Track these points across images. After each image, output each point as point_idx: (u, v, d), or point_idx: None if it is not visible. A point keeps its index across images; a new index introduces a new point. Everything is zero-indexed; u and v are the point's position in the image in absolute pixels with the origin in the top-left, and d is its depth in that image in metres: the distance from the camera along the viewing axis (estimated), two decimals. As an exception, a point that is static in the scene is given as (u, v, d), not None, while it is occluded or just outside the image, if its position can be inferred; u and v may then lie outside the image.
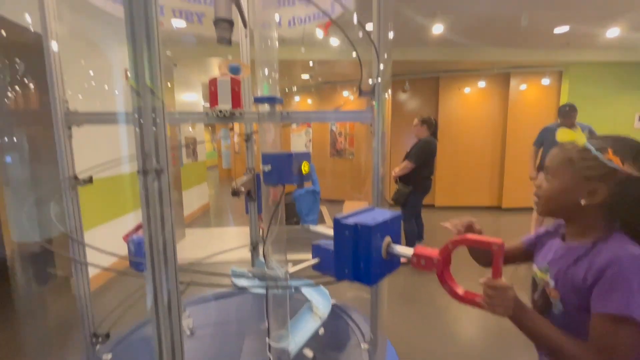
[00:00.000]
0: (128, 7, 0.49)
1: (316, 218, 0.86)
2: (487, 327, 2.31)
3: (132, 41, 0.50)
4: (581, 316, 0.67)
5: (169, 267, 0.55)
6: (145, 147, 0.51)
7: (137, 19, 0.49)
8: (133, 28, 0.50)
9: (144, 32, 0.50)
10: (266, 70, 0.93)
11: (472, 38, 4.31)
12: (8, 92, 1.04)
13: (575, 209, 0.70)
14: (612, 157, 0.65)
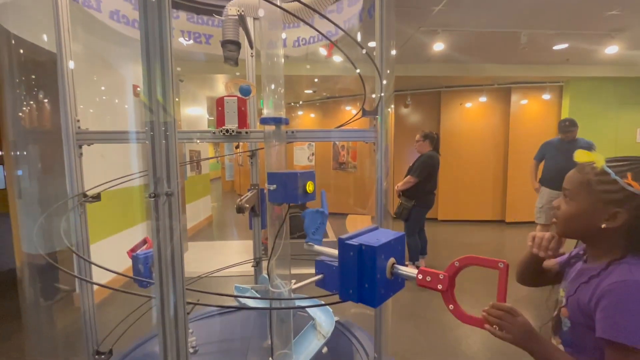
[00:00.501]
0: (144, 33, 0.52)
1: (321, 239, 0.87)
2: (493, 346, 2.26)
3: (146, 66, 0.52)
4: (586, 334, 0.68)
5: (177, 287, 0.56)
6: (157, 172, 0.53)
7: (152, 45, 0.52)
8: (148, 52, 0.52)
9: (159, 57, 0.52)
10: (272, 86, 0.96)
11: (472, 55, 4.39)
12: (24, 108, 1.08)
13: (595, 231, 0.70)
14: (631, 182, 0.65)
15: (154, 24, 0.51)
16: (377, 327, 1.20)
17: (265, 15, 0.90)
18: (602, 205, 0.68)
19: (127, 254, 1.30)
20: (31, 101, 1.12)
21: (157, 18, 0.51)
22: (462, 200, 5.97)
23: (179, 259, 0.56)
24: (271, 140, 0.96)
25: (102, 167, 1.68)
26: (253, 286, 1.48)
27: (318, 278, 1.17)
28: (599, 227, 0.69)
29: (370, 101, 1.10)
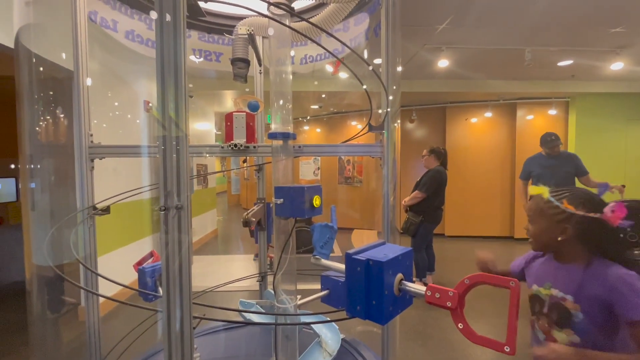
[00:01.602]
0: (159, 52, 0.54)
1: (329, 253, 0.86)
2: None
3: (161, 83, 0.54)
4: (599, 320, 0.88)
5: (184, 300, 0.56)
6: (167, 186, 0.54)
7: (167, 63, 0.54)
8: (163, 70, 0.54)
9: (173, 75, 0.54)
10: (280, 102, 0.98)
11: (477, 71, 4.44)
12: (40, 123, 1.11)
13: (557, 243, 0.95)
14: (567, 206, 0.90)
15: (169, 43, 0.53)
16: (384, 345, 1.17)
17: (274, 34, 0.93)
18: (554, 223, 0.94)
19: (133, 267, 1.30)
20: (47, 116, 1.15)
21: (172, 38, 0.53)
22: (469, 216, 5.90)
23: (186, 273, 0.56)
24: (279, 155, 0.97)
25: (111, 181, 1.71)
26: (258, 301, 1.46)
27: (324, 294, 1.16)
28: (557, 240, 0.94)
29: (376, 116, 1.11)
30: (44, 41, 1.04)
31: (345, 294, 1.14)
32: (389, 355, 1.16)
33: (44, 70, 1.06)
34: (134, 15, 1.33)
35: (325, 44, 1.64)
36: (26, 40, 0.95)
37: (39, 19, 0.98)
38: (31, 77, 1.02)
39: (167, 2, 0.53)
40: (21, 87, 0.95)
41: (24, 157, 1.01)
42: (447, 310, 0.61)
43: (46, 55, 1.09)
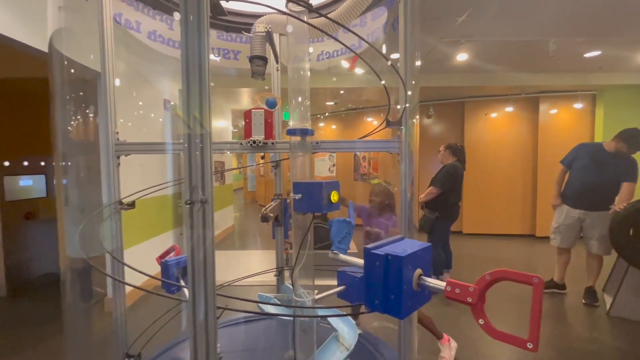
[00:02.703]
0: (184, 51, 0.56)
1: (347, 248, 0.87)
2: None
3: (186, 82, 0.56)
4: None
5: (209, 291, 0.58)
6: (192, 180, 0.56)
7: (191, 63, 0.56)
8: (188, 70, 0.56)
9: (197, 74, 0.56)
10: (299, 99, 0.99)
11: (497, 64, 4.31)
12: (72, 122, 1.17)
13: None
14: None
15: (193, 44, 0.55)
16: (401, 341, 1.17)
17: (292, 30, 0.94)
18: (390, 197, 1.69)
19: (156, 260, 1.35)
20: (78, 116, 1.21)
21: (197, 38, 0.55)
22: (488, 213, 5.77)
23: (211, 264, 0.59)
24: (297, 151, 0.99)
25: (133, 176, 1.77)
26: (276, 295, 1.49)
27: (340, 289, 1.17)
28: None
29: (394, 112, 1.11)
30: (73, 44, 1.09)
31: (362, 289, 1.15)
32: (406, 351, 1.16)
33: (74, 72, 1.11)
34: (155, 16, 1.36)
35: (342, 40, 1.63)
36: (58, 43, 0.99)
37: (69, 23, 1.03)
38: (63, 79, 1.07)
39: (192, 3, 0.54)
40: (54, 89, 1.00)
41: (57, 155, 1.06)
42: (464, 308, 0.60)
43: (75, 57, 1.14)
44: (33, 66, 2.76)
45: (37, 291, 3.52)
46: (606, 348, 2.35)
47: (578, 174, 3.02)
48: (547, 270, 3.69)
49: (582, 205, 2.97)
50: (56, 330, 2.66)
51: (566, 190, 3.11)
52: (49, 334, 2.61)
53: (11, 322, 2.83)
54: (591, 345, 2.38)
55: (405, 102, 1.05)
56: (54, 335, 2.58)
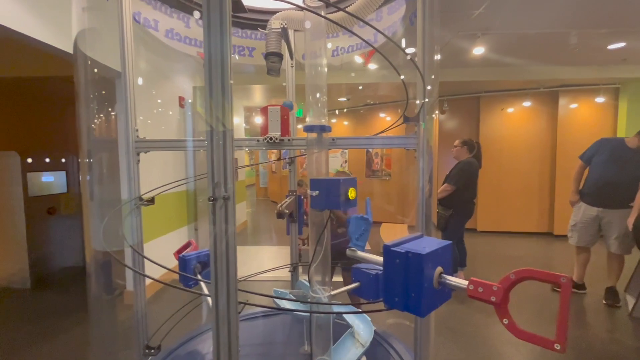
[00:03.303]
0: (207, 50, 0.56)
1: (364, 245, 0.87)
2: None
3: (208, 80, 0.56)
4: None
5: (231, 286, 0.59)
6: (215, 177, 0.57)
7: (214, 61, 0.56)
8: (210, 67, 0.56)
9: (219, 72, 0.56)
10: (316, 95, 0.98)
11: (515, 57, 4.19)
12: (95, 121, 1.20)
13: None
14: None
15: (216, 41, 0.55)
16: (417, 339, 1.16)
17: (309, 26, 0.93)
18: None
19: (173, 255, 1.38)
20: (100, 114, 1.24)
21: (219, 36, 0.55)
22: (503, 211, 5.65)
23: (233, 259, 0.59)
24: (314, 148, 0.99)
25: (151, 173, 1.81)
26: (291, 291, 1.50)
27: (355, 286, 1.17)
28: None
29: (411, 107, 1.09)
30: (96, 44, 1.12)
31: (376, 286, 1.15)
32: (422, 349, 1.15)
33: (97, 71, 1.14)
34: (172, 14, 1.38)
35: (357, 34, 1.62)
36: (82, 44, 1.02)
37: (92, 23, 1.05)
38: (87, 79, 1.10)
39: (214, 1, 0.54)
40: (79, 88, 1.03)
41: (83, 152, 1.09)
42: (479, 305, 0.60)
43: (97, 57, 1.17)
44: (55, 66, 2.85)
45: (58, 283, 3.65)
46: (628, 350, 2.28)
47: (597, 170, 2.92)
48: (566, 270, 3.60)
49: (601, 202, 2.88)
50: (78, 321, 2.76)
51: (584, 187, 3.02)
52: (71, 324, 2.71)
53: (37, 313, 2.94)
54: (612, 347, 2.32)
55: (423, 97, 1.04)
56: (76, 326, 2.67)
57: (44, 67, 2.93)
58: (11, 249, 3.49)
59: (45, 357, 2.26)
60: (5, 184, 3.48)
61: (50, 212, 3.84)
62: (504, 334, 2.49)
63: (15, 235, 3.47)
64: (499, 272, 3.85)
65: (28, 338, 2.52)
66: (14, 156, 3.45)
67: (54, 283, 3.65)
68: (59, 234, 3.97)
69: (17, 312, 3.00)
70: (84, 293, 3.39)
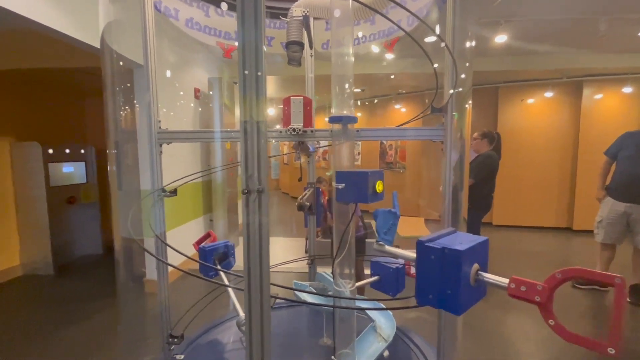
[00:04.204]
0: (241, 40, 0.54)
1: (392, 239, 0.85)
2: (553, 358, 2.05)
3: (242, 70, 0.54)
4: None
5: (264, 280, 0.58)
6: (248, 170, 0.55)
7: (248, 51, 0.54)
8: (244, 57, 0.54)
9: (254, 61, 0.54)
10: (342, 85, 0.95)
11: (539, 45, 4.02)
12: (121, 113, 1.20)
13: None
14: None
15: (250, 32, 0.53)
16: (440, 336, 1.15)
17: (338, 13, 0.90)
18: None
19: (193, 246, 1.39)
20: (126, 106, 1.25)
21: (253, 27, 0.53)
22: (521, 205, 5.52)
23: (266, 253, 0.58)
24: (339, 139, 0.96)
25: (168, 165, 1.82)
26: (311, 283, 1.50)
27: (374, 280, 1.15)
28: None
29: (440, 98, 1.05)
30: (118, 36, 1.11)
31: (395, 280, 1.13)
32: (446, 346, 1.13)
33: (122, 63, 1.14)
34: (192, 3, 1.36)
35: (378, 24, 1.57)
36: (108, 36, 1.01)
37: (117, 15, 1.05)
38: (113, 71, 1.10)
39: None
40: (106, 81, 1.03)
41: (110, 143, 1.10)
42: (495, 302, 0.57)
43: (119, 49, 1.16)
44: (76, 58, 2.88)
45: (80, 271, 3.77)
46: (654, 350, 2.21)
47: (624, 164, 2.82)
48: (586, 266, 3.50)
49: (628, 198, 2.77)
50: (101, 307, 2.85)
51: (611, 182, 2.92)
52: (95, 310, 2.80)
53: (60, 299, 3.05)
54: (636, 346, 2.25)
55: (453, 86, 1.00)
56: (99, 312, 2.76)
57: (64, 59, 2.97)
58: (35, 237, 3.61)
59: (71, 341, 2.34)
60: (28, 174, 3.58)
61: (70, 202, 3.95)
62: (522, 330, 2.45)
63: (39, 224, 3.59)
64: (515, 267, 3.78)
65: (55, 322, 2.61)
66: (36, 147, 3.54)
67: (75, 270, 3.77)
68: (78, 223, 4.08)
69: (42, 297, 3.12)
70: (105, 280, 3.52)
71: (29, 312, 2.83)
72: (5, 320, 2.68)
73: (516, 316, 2.61)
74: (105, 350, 2.23)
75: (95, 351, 2.23)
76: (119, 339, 2.25)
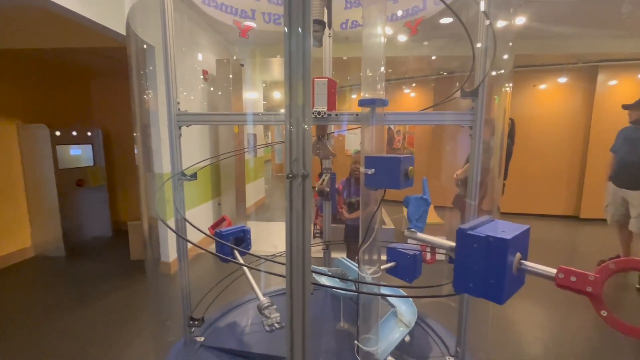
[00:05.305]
0: (287, 25, 0.51)
1: (424, 226, 0.83)
2: (570, 348, 2.08)
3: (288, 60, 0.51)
4: None
5: (306, 267, 0.57)
6: (293, 154, 0.53)
7: (294, 37, 0.51)
8: (290, 43, 0.51)
9: (301, 47, 0.51)
10: (375, 67, 0.92)
11: (555, 29, 3.88)
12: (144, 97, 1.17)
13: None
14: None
15: (298, 15, 0.50)
16: (461, 324, 1.15)
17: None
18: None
19: (208, 230, 1.39)
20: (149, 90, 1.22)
21: (301, 10, 0.50)
22: (528, 192, 5.49)
23: (308, 240, 0.57)
24: (367, 123, 0.93)
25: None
26: (329, 269, 1.50)
27: (390, 265, 1.14)
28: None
29: (472, 81, 1.01)
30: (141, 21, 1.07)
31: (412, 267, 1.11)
32: (466, 335, 1.14)
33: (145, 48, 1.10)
34: (209, -22, 1.30)
35: (402, 1, 1.50)
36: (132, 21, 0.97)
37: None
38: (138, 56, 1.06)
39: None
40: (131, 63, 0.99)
41: (136, 126, 1.07)
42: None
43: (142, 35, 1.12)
44: (81, 37, 2.81)
45: (90, 252, 3.82)
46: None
47: (618, 154, 3.15)
48: (593, 254, 3.52)
49: (621, 183, 3.09)
50: (113, 287, 2.89)
51: (611, 170, 3.24)
52: (108, 290, 2.85)
53: (72, 280, 3.10)
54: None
55: (484, 69, 0.95)
56: (112, 292, 2.81)
57: (71, 39, 2.90)
58: (45, 219, 3.64)
59: (87, 320, 2.39)
60: (37, 156, 3.58)
61: (79, 184, 3.95)
62: (533, 318, 2.47)
63: (49, 206, 3.61)
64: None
65: (70, 302, 2.66)
66: (43, 129, 3.52)
67: (86, 252, 3.82)
68: (87, 205, 4.10)
69: (56, 278, 3.17)
70: (116, 261, 3.55)
71: (45, 291, 2.89)
72: (22, 299, 2.74)
73: (526, 304, 2.63)
74: (124, 329, 2.28)
75: (114, 330, 2.28)
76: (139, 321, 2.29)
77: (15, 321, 2.39)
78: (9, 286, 2.97)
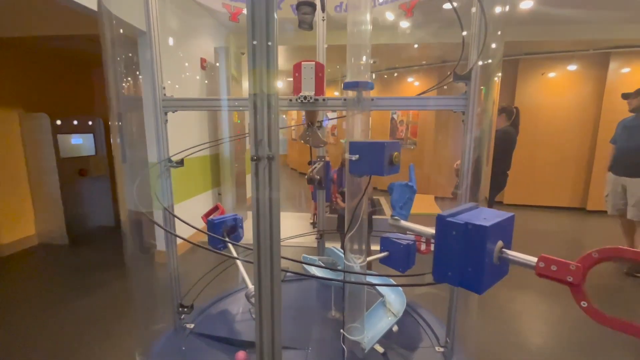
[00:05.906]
0: (251, 9, 0.48)
1: (408, 214, 0.80)
2: (561, 338, 2.06)
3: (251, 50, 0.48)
4: None
5: (274, 251, 0.55)
6: (258, 135, 0.50)
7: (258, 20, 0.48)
8: (254, 27, 0.48)
9: (265, 31, 0.48)
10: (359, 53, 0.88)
11: (566, 14, 3.74)
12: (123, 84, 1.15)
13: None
14: None
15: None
16: (451, 310, 1.13)
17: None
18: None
19: (201, 218, 1.38)
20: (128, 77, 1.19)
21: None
22: (534, 183, 5.39)
23: (277, 224, 0.55)
24: (353, 108, 0.90)
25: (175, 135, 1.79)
26: (320, 257, 1.48)
27: (383, 255, 1.12)
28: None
29: (463, 65, 0.97)
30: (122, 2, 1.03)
31: (405, 256, 1.09)
32: (455, 326, 1.12)
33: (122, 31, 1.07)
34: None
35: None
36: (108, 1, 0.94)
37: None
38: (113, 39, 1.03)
39: None
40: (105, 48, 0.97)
41: (112, 114, 1.05)
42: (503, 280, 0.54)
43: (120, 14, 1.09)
44: (80, 24, 2.78)
45: (94, 241, 3.87)
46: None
47: (618, 143, 3.12)
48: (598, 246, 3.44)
49: (620, 171, 3.06)
50: (116, 275, 2.93)
51: (611, 160, 3.22)
52: (111, 278, 2.89)
53: (75, 268, 3.15)
54: None
55: (478, 53, 0.91)
56: (114, 281, 2.85)
57: (69, 26, 2.88)
58: (48, 207, 3.69)
59: (89, 308, 2.44)
60: (39, 145, 3.60)
61: (81, 174, 3.99)
62: (532, 309, 2.45)
63: (52, 195, 3.65)
64: (526, 247, 3.74)
65: (73, 289, 2.71)
66: (44, 118, 3.53)
67: (89, 240, 3.88)
68: (90, 194, 4.14)
69: (60, 266, 3.22)
70: (119, 250, 3.58)
71: (49, 279, 2.94)
72: (26, 285, 2.79)
73: (524, 294, 2.60)
74: (125, 317, 2.32)
75: (115, 318, 2.31)
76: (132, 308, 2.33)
77: (20, 308, 2.44)
78: (13, 273, 3.03)
